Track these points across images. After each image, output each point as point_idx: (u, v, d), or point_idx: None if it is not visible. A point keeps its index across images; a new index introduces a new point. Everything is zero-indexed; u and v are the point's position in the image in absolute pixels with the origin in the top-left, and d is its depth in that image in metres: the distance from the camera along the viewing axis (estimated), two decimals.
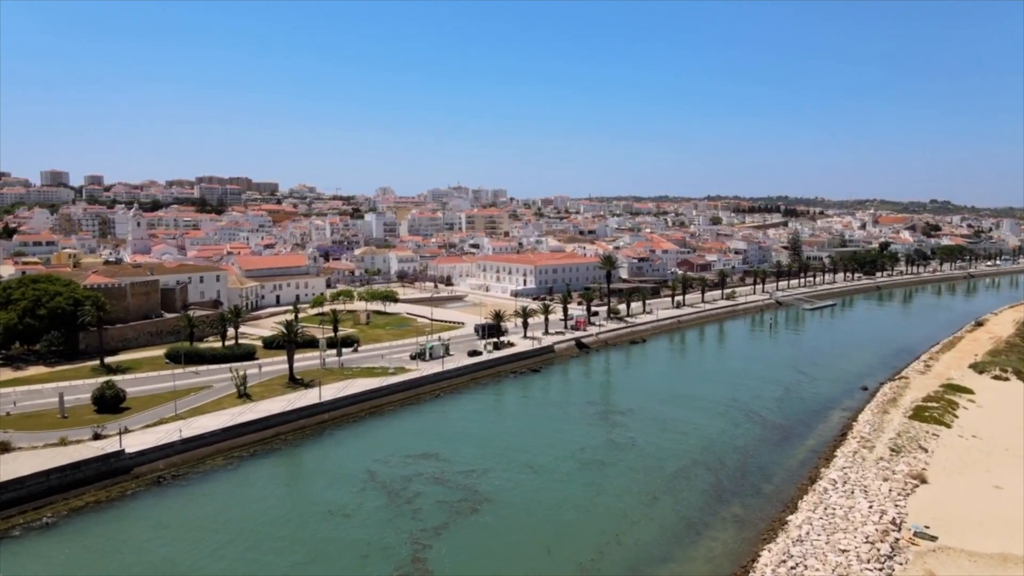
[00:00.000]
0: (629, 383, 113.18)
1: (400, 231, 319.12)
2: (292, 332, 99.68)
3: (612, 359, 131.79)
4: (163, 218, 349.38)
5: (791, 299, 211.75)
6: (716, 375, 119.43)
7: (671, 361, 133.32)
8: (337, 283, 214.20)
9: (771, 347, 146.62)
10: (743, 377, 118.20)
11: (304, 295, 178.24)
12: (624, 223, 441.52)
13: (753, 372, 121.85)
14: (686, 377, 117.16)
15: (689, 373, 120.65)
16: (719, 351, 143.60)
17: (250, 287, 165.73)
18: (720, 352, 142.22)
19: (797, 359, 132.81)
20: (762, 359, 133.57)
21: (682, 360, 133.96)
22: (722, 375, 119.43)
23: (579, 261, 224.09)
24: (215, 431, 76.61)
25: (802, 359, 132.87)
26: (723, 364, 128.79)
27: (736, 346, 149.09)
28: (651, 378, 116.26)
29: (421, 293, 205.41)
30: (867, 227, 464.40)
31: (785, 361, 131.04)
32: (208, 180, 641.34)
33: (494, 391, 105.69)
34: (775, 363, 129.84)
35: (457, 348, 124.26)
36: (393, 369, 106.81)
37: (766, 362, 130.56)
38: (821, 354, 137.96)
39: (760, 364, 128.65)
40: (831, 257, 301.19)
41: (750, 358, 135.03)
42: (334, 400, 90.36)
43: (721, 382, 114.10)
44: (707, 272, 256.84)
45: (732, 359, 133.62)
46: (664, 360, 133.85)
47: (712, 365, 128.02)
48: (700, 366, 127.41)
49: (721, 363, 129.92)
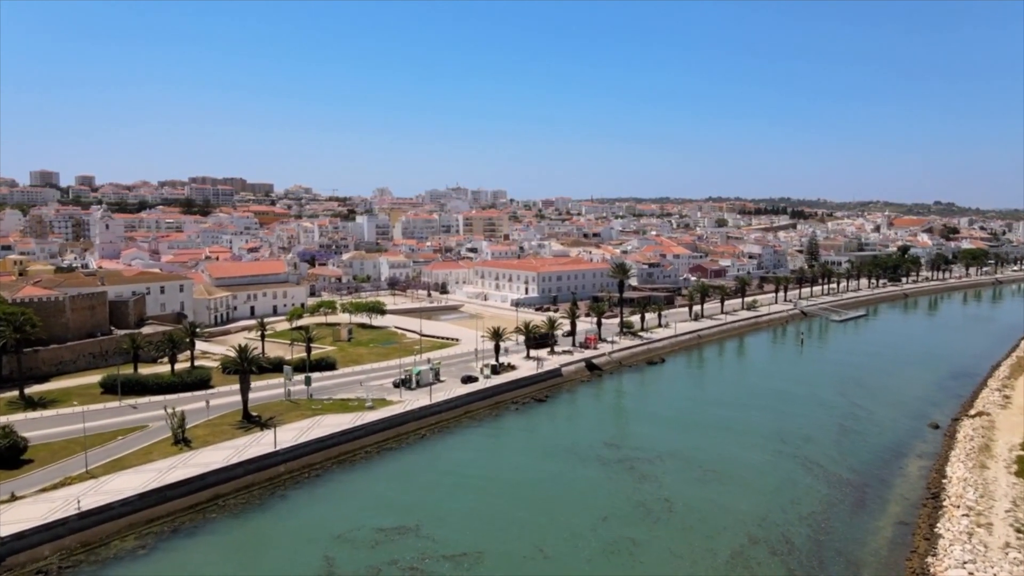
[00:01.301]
0: (651, 415, 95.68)
1: (393, 234, 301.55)
2: (246, 358, 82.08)
3: (628, 384, 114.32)
4: (144, 220, 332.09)
5: (816, 309, 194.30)
6: (752, 402, 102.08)
7: (696, 385, 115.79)
8: (322, 291, 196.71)
9: (806, 366, 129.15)
10: (785, 403, 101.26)
11: (282, 306, 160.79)
12: (628, 225, 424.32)
13: (795, 397, 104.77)
14: (718, 405, 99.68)
15: (720, 400, 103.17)
16: (749, 371, 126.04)
17: (220, 297, 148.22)
18: (751, 372, 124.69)
19: (841, 381, 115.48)
20: (800, 380, 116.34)
21: (709, 383, 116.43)
22: (759, 401, 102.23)
23: (585, 267, 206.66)
24: (129, 498, 59.03)
25: (847, 381, 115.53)
26: (758, 387, 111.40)
27: (767, 364, 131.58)
28: (677, 408, 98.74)
29: (413, 302, 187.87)
30: (881, 229, 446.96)
31: (827, 384, 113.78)
32: (201, 181, 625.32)
33: (492, 428, 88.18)
34: (816, 385, 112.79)
35: (449, 372, 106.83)
36: (371, 401, 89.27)
37: (806, 384, 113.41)
38: (866, 375, 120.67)
39: (800, 387, 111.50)
40: (851, 262, 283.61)
41: (786, 378, 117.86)
42: (294, 447, 72.85)
43: (760, 410, 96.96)
44: (722, 278, 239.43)
45: (766, 380, 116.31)
46: (688, 384, 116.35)
47: (745, 389, 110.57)
48: (731, 390, 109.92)
49: (755, 386, 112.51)
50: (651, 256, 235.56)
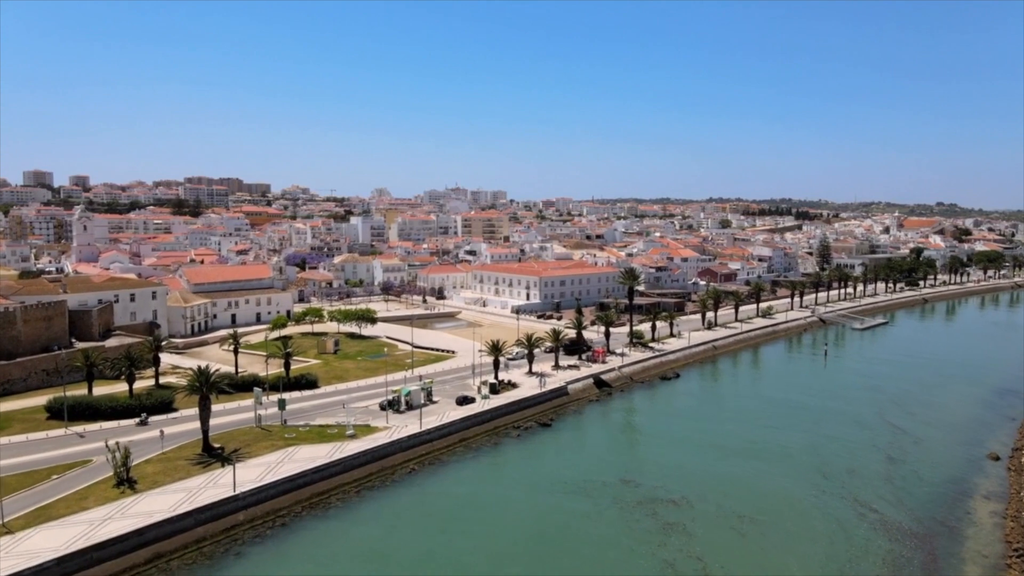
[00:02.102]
0: (670, 441, 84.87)
1: (389, 236, 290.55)
2: (207, 381, 71.22)
3: (641, 403, 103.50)
4: (132, 220, 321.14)
5: (835, 316, 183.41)
6: (781, 422, 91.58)
7: (716, 403, 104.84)
8: (311, 296, 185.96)
9: (833, 379, 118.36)
10: (817, 423, 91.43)
11: (267, 313, 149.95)
12: (631, 227, 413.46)
13: (827, 416, 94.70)
14: (743, 426, 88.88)
15: (745, 420, 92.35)
16: (772, 386, 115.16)
17: (198, 305, 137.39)
18: (774, 387, 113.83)
19: (874, 398, 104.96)
20: (829, 395, 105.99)
21: (730, 401, 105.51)
22: (788, 422, 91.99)
23: (589, 271, 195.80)
24: (45, 563, 48.21)
25: (881, 398, 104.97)
26: (784, 405, 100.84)
27: (790, 378, 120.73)
28: (697, 431, 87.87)
29: (407, 309, 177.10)
30: (891, 231, 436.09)
31: (860, 400, 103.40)
32: (197, 181, 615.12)
33: (490, 461, 77.37)
34: (848, 401, 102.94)
35: (444, 391, 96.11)
36: (353, 428, 78.45)
37: (836, 400, 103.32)
38: (901, 391, 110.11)
39: (831, 403, 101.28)
40: (864, 264, 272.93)
41: (814, 393, 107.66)
42: (257, 490, 62.01)
43: (791, 432, 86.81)
44: (732, 282, 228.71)
45: (792, 396, 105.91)
46: (707, 402, 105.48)
47: (771, 407, 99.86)
48: (755, 409, 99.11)
49: (781, 403, 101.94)
50: (658, 259, 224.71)
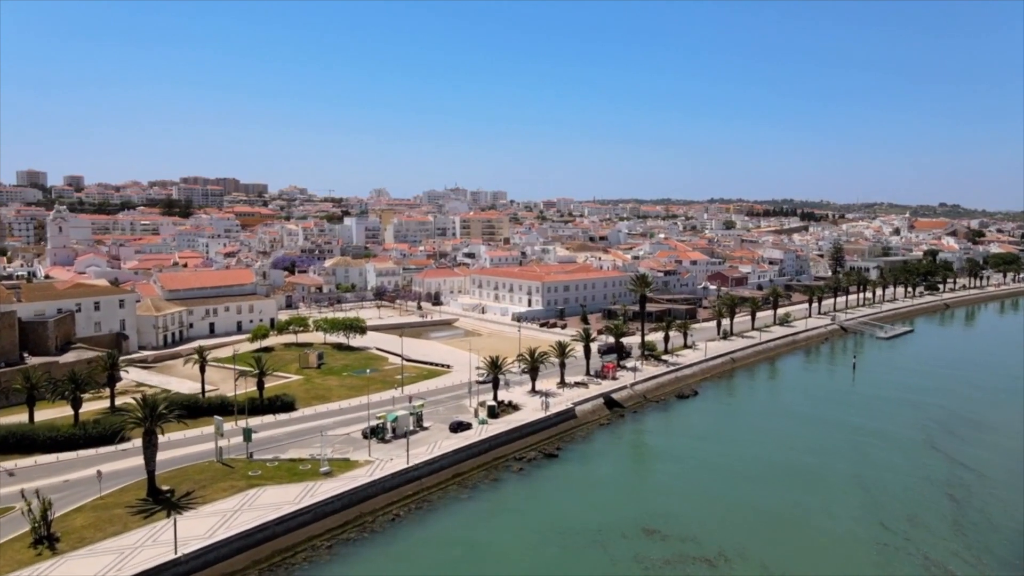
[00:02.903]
0: (696, 474, 73.87)
1: (385, 237, 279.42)
2: (152, 412, 60.08)
3: (658, 426, 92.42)
4: (119, 221, 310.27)
5: (856, 323, 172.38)
6: (820, 448, 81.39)
7: (742, 425, 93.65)
8: (299, 302, 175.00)
9: (867, 396, 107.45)
10: (860, 451, 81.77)
11: (248, 322, 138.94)
12: (634, 228, 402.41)
13: (869, 441, 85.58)
14: (778, 454, 77.94)
15: (779, 447, 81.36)
16: (801, 404, 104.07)
17: (171, 313, 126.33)
18: (804, 405, 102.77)
19: (920, 420, 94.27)
20: (867, 414, 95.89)
21: (757, 423, 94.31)
22: (829, 448, 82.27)
23: (595, 275, 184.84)
24: None
25: (928, 421, 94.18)
26: (819, 427, 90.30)
27: (820, 394, 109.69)
28: (726, 463, 76.81)
29: (401, 316, 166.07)
30: (901, 232, 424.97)
31: (903, 422, 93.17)
32: (192, 181, 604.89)
33: (487, 503, 66.30)
34: (890, 422, 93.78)
35: (436, 414, 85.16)
36: (328, 464, 67.44)
37: (876, 418, 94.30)
38: (946, 410, 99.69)
39: (870, 424, 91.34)
40: (880, 268, 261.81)
41: (849, 412, 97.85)
42: (205, 549, 51.03)
43: (834, 460, 77.06)
44: (743, 287, 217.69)
45: (827, 415, 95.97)
46: (732, 424, 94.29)
47: (805, 431, 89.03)
48: (787, 432, 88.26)
49: (815, 425, 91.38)
50: (666, 263, 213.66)
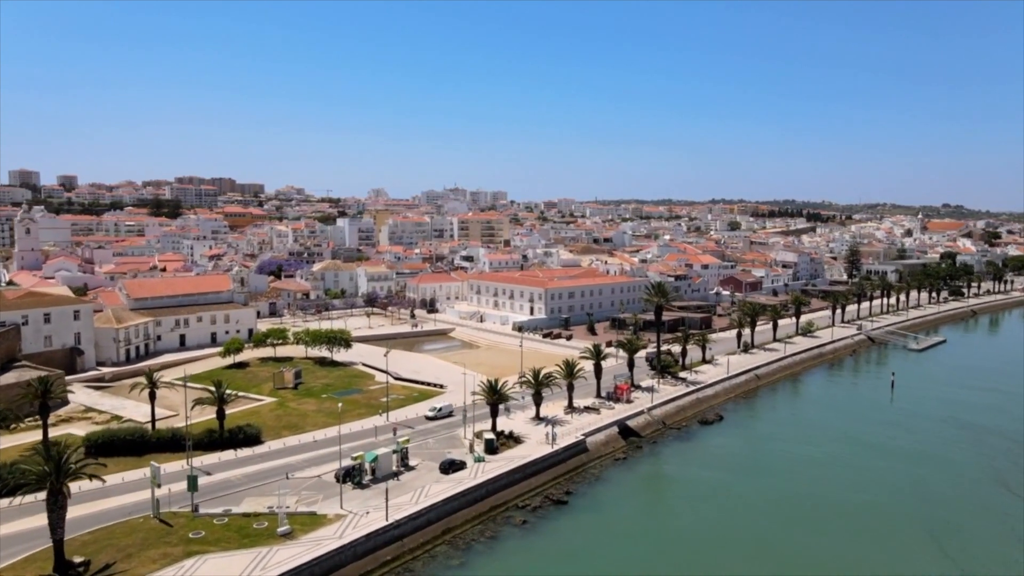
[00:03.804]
0: (732, 523, 61.62)
1: (380, 239, 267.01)
2: (57, 468, 47.77)
3: (681, 460, 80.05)
4: (103, 222, 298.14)
5: (883, 333, 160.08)
6: (871, 480, 69.70)
7: (779, 456, 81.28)
8: (284, 310, 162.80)
9: (910, 416, 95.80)
10: (920, 484, 69.18)
11: (224, 333, 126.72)
12: (637, 229, 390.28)
13: (925, 471, 75.30)
14: (827, 492, 65.98)
15: (825, 482, 69.40)
16: (840, 426, 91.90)
17: (135, 325, 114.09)
18: (843, 427, 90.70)
19: (977, 445, 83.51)
20: (914, 437, 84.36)
21: (795, 451, 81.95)
22: (881, 480, 71.01)
23: (601, 281, 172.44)
24: None
25: (987, 447, 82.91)
26: (865, 454, 79.45)
27: (858, 415, 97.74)
28: (768, 503, 64.66)
29: (393, 325, 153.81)
30: (913, 234, 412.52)
31: (958, 447, 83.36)
32: (188, 181, 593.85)
33: (483, 569, 54.00)
34: (943, 447, 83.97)
35: (425, 447, 73.02)
36: (288, 520, 55.14)
37: (926, 440, 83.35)
38: (1005, 435, 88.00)
39: (920, 448, 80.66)
40: (899, 271, 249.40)
41: (894, 436, 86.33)
42: None
43: (891, 498, 64.32)
44: (758, 292, 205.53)
45: (870, 439, 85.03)
46: (767, 455, 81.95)
47: (849, 458, 77.62)
48: (832, 461, 76.58)
49: (860, 452, 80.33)
50: (676, 267, 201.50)
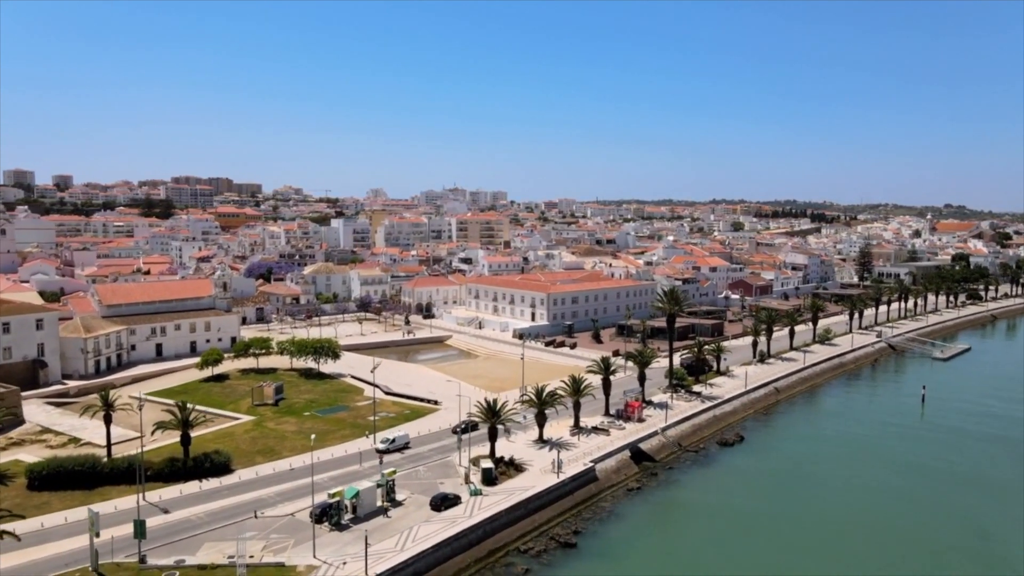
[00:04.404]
0: (768, 563, 53.40)
1: (375, 240, 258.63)
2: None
3: (702, 491, 71.68)
4: (91, 223, 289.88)
5: (904, 341, 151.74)
6: (921, 513, 60.04)
7: (812, 481, 72.92)
8: (272, 315, 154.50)
9: (955, 436, 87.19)
10: (975, 511, 60.71)
11: (204, 342, 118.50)
12: (640, 230, 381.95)
13: (986, 508, 64.83)
14: (871, 529, 57.36)
15: (869, 518, 60.75)
16: (875, 448, 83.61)
17: (107, 334, 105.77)
18: (877, 450, 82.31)
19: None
20: (962, 458, 74.98)
21: (829, 480, 73.61)
22: (931, 510, 61.94)
23: (606, 285, 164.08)
24: None
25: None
26: (907, 480, 69.83)
27: (893, 433, 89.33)
28: (804, 543, 56.20)
29: (386, 332, 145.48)
30: (922, 235, 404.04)
31: (1006, 466, 72.44)
32: (184, 180, 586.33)
33: None
34: (996, 468, 73.77)
35: (415, 477, 64.67)
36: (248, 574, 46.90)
37: (975, 461, 73.67)
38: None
39: (969, 471, 71.19)
40: (912, 273, 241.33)
41: (934, 455, 77.95)
42: None
43: (942, 525, 55.06)
44: (768, 296, 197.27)
45: (909, 459, 75.77)
46: (798, 480, 73.55)
47: (889, 486, 68.76)
48: (871, 492, 67.80)
49: (902, 478, 70.95)
50: (683, 269, 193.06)
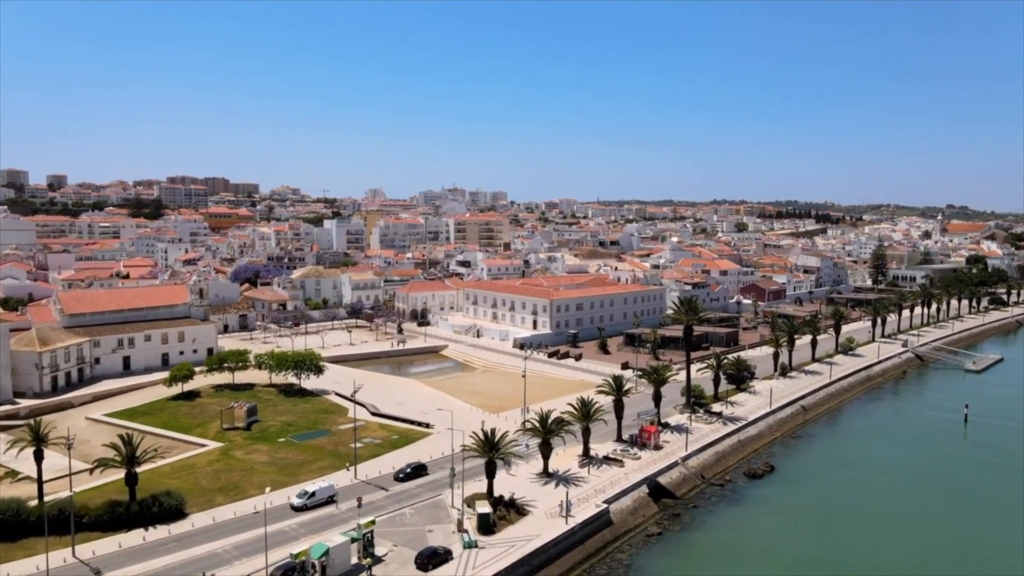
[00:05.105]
0: None
1: (370, 242, 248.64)
2: None
3: (734, 536, 61.82)
4: (76, 223, 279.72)
5: (931, 350, 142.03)
6: (997, 556, 50.63)
7: (856, 522, 63.12)
8: (257, 323, 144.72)
9: (1001, 458, 77.35)
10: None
11: (178, 353, 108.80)
12: (643, 231, 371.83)
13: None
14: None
15: (935, 570, 51.52)
16: (921, 477, 73.81)
17: (66, 347, 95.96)
18: (925, 478, 72.51)
19: None
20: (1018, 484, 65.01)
21: (881, 519, 63.84)
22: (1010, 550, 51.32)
23: (612, 290, 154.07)
24: None
25: None
26: (971, 516, 59.82)
27: (943, 461, 79.42)
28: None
29: (377, 341, 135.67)
30: (932, 235, 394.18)
31: None
32: (180, 180, 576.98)
33: None
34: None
35: (400, 524, 54.81)
36: None
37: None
38: None
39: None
40: (928, 277, 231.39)
41: (996, 487, 66.90)
42: None
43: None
44: (781, 301, 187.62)
45: (966, 487, 64.99)
46: (842, 523, 63.74)
47: (949, 523, 59.06)
48: (932, 531, 58.03)
49: (966, 513, 60.95)
50: (692, 273, 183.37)
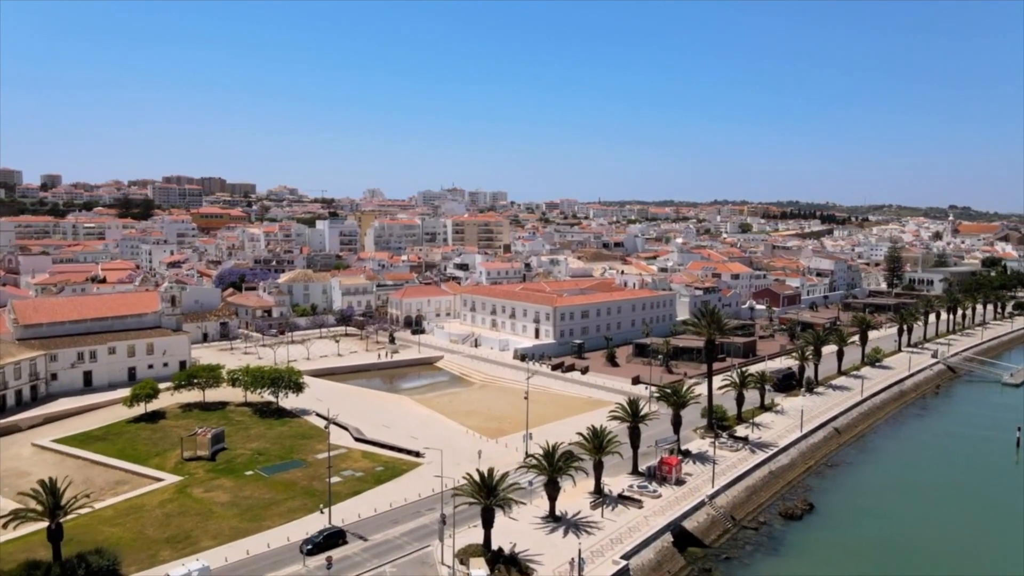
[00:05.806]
0: None
1: (364, 244, 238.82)
2: None
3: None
4: (60, 224, 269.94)
5: (963, 361, 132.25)
6: None
7: (918, 572, 53.64)
8: (239, 330, 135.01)
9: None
10: None
11: (147, 367, 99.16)
12: (647, 231, 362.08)
13: None
14: None
15: None
16: (986, 515, 64.00)
17: (16, 362, 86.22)
18: (987, 514, 62.76)
19: None
20: None
21: (942, 564, 54.37)
22: None
23: (620, 296, 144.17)
24: None
25: None
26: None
27: (1004, 490, 69.64)
28: None
29: (367, 351, 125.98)
30: (943, 237, 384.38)
31: None
32: (176, 180, 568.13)
33: None
34: None
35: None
36: None
37: None
38: None
39: None
40: (947, 280, 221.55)
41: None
42: None
43: None
44: (797, 306, 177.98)
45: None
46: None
47: None
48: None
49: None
50: (703, 276, 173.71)
